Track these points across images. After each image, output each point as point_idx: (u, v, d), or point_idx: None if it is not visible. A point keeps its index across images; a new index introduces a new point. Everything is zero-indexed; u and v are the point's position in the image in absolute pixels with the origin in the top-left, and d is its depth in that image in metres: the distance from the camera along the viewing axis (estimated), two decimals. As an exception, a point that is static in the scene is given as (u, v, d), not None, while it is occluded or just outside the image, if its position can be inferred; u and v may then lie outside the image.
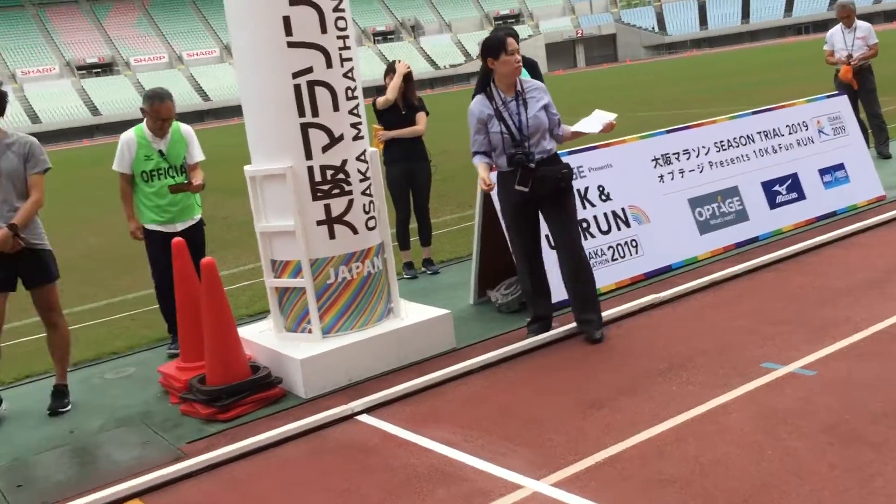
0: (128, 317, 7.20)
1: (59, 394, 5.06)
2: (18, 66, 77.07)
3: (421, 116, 6.95)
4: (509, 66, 4.78)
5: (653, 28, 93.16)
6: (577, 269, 4.96)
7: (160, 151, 5.62)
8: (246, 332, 5.27)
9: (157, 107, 5.52)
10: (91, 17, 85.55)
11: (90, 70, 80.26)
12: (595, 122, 5.04)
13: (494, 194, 5.23)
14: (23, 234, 4.73)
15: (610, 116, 5.03)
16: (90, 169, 29.76)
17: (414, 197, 7.07)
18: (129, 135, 5.71)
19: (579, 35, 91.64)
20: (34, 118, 72.37)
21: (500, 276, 5.92)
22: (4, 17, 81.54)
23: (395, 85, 6.77)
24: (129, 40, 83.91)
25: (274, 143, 4.79)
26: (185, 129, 5.82)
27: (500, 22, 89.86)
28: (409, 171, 6.96)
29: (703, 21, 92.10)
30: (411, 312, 5.25)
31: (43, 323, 5.08)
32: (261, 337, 5.18)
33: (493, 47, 4.81)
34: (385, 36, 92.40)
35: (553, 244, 5.26)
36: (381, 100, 6.76)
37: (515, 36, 4.93)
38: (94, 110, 74.93)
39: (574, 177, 5.12)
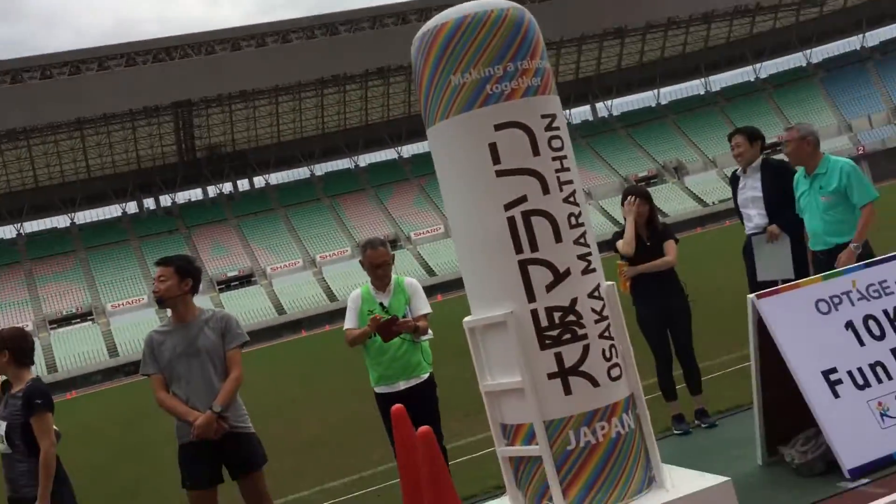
0: (376, 491, 6.71)
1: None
2: (317, 252, 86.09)
3: (670, 245, 6.05)
4: None
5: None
6: None
7: (381, 304, 5.27)
8: (481, 511, 4.49)
9: (370, 254, 5.28)
10: (376, 201, 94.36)
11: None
12: None
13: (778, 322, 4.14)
14: (226, 414, 4.43)
15: None
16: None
17: (673, 338, 6.05)
18: (356, 292, 5.52)
19: (860, 152, 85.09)
20: (332, 297, 79.60)
21: (793, 428, 4.67)
22: (304, 210, 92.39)
23: (628, 238, 6.01)
24: (408, 217, 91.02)
25: (490, 286, 4.16)
26: (410, 281, 5.47)
27: (768, 151, 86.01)
28: (663, 308, 6.00)
29: None
30: (680, 481, 4.18)
31: None
32: (498, 517, 4.37)
33: None
34: (648, 181, 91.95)
35: None
36: (621, 246, 6.02)
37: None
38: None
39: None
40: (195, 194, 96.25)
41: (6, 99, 71.04)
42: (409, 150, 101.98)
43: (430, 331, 5.40)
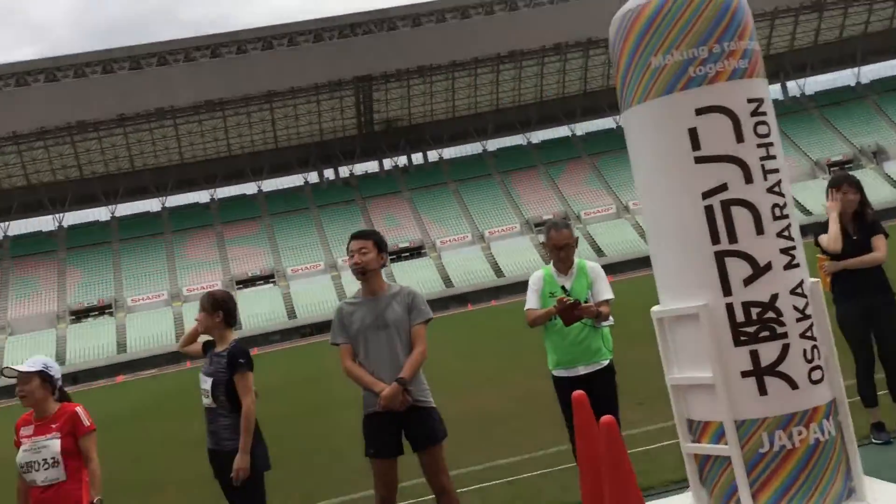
0: (547, 474, 6.70)
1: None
2: (486, 228, 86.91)
3: (879, 240, 5.59)
4: None
5: None
6: None
7: (563, 287, 5.22)
8: (661, 506, 4.38)
9: (553, 235, 5.23)
10: (547, 179, 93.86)
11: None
12: None
13: None
14: (410, 387, 4.54)
15: None
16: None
17: (877, 340, 5.61)
18: (537, 272, 5.49)
19: None
20: (499, 273, 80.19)
21: None
22: (475, 185, 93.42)
23: (834, 234, 5.59)
24: (580, 196, 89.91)
25: (683, 277, 4.01)
26: (593, 265, 5.38)
27: None
28: (866, 308, 5.57)
29: None
30: (882, 494, 3.89)
31: (431, 488, 4.74)
32: (679, 514, 4.25)
33: None
34: (842, 165, 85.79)
35: None
36: (826, 242, 5.61)
37: None
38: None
39: None
40: (371, 166, 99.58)
41: (206, 72, 76.33)
42: (583, 127, 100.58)
43: (611, 317, 5.30)
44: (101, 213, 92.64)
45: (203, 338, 5.20)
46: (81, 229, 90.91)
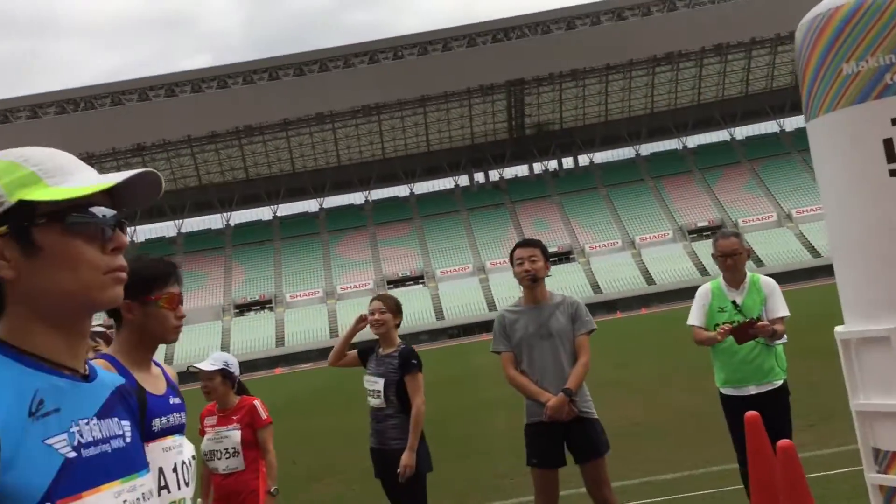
0: (708, 495, 6.46)
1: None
2: (637, 234, 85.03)
3: None
4: None
5: None
6: None
7: (734, 302, 5.01)
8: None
9: (721, 243, 5.04)
10: (703, 184, 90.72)
11: (700, 233, 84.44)
12: None
13: None
14: (575, 398, 4.49)
15: None
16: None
17: None
18: (705, 286, 5.31)
19: None
20: (650, 280, 78.21)
21: None
22: (627, 191, 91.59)
23: None
24: (737, 203, 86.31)
25: (872, 296, 3.76)
26: (767, 280, 5.14)
27: None
28: None
29: None
30: None
31: (594, 501, 4.67)
32: (861, 548, 3.98)
33: None
34: None
35: None
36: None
37: None
38: (703, 271, 77.99)
39: None
40: (521, 170, 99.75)
41: (363, 78, 78.90)
42: (743, 131, 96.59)
43: (785, 335, 5.05)
44: (264, 213, 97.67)
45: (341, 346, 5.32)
46: (246, 228, 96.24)
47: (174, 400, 2.79)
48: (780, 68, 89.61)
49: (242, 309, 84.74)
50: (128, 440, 1.37)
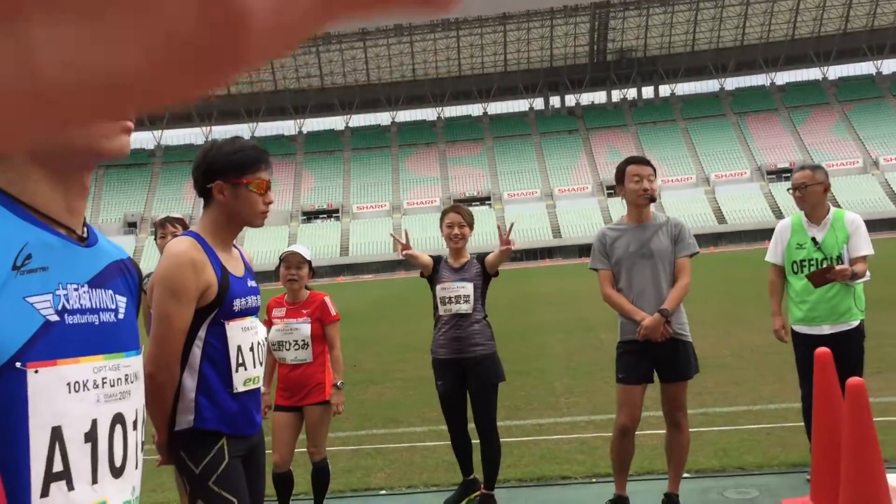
0: (764, 430, 6.43)
1: (671, 503, 4.60)
2: (713, 171, 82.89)
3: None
4: None
5: None
6: None
7: (813, 239, 4.85)
8: (900, 482, 4.07)
9: (794, 175, 4.87)
10: (788, 124, 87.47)
11: (780, 174, 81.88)
12: None
13: None
14: (671, 319, 4.45)
15: None
16: (767, 270, 29.63)
17: None
18: (784, 221, 5.14)
19: None
20: (721, 219, 76.57)
21: None
22: (706, 126, 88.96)
23: None
24: (823, 145, 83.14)
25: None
26: (851, 217, 4.94)
27: None
28: None
29: None
30: None
31: (666, 421, 4.67)
32: (921, 494, 3.92)
33: None
34: None
35: None
36: None
37: None
38: (779, 213, 75.96)
39: None
40: (598, 97, 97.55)
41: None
42: (836, 71, 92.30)
43: (868, 273, 4.87)
44: (336, 123, 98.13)
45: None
46: (319, 136, 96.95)
47: (251, 283, 2.86)
48: (882, 5, 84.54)
49: (310, 216, 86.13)
50: (120, 316, 1.28)
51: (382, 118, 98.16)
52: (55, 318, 1.14)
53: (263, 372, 2.95)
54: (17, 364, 1.09)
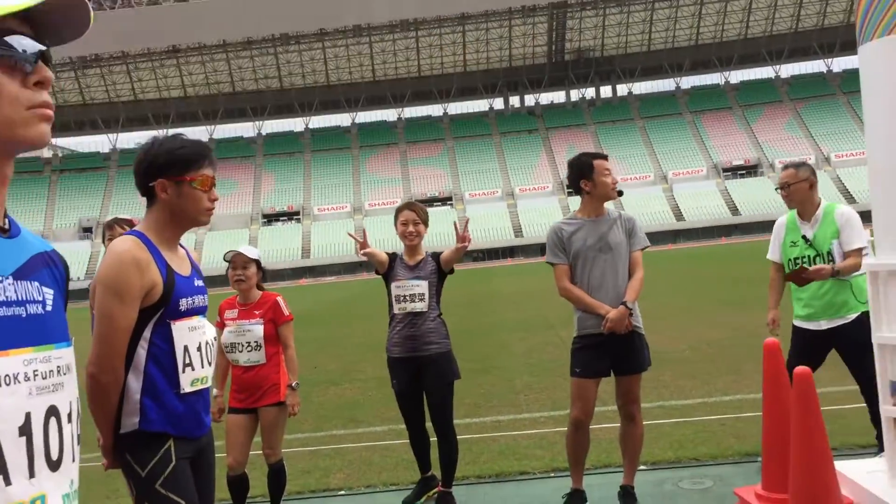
0: (718, 421, 6.53)
1: (627, 495, 4.64)
2: (670, 168, 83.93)
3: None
4: None
5: None
6: None
7: (804, 237, 4.92)
8: (847, 467, 4.16)
9: (781, 175, 4.92)
10: (742, 122, 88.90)
11: (735, 171, 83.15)
12: None
13: None
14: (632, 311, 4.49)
15: None
16: (724, 266, 30.16)
17: None
18: (780, 219, 5.19)
19: None
20: (679, 216, 77.55)
21: None
22: (664, 124, 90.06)
23: None
24: (776, 143, 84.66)
25: (908, 230, 3.69)
26: (842, 210, 4.95)
27: None
28: None
29: None
30: None
31: (620, 414, 4.71)
32: (868, 479, 4.01)
33: None
34: None
35: None
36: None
37: None
38: (735, 210, 77.10)
39: None
40: (558, 97, 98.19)
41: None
42: (788, 70, 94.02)
43: (863, 266, 4.92)
44: (296, 124, 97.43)
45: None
46: (278, 138, 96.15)
47: (198, 282, 2.82)
48: (833, 4, 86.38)
49: (270, 218, 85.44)
50: (48, 308, 1.25)
51: (343, 119, 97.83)
52: None
53: (215, 373, 2.91)
54: None
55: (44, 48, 1.19)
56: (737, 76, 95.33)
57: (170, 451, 2.62)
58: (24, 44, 1.15)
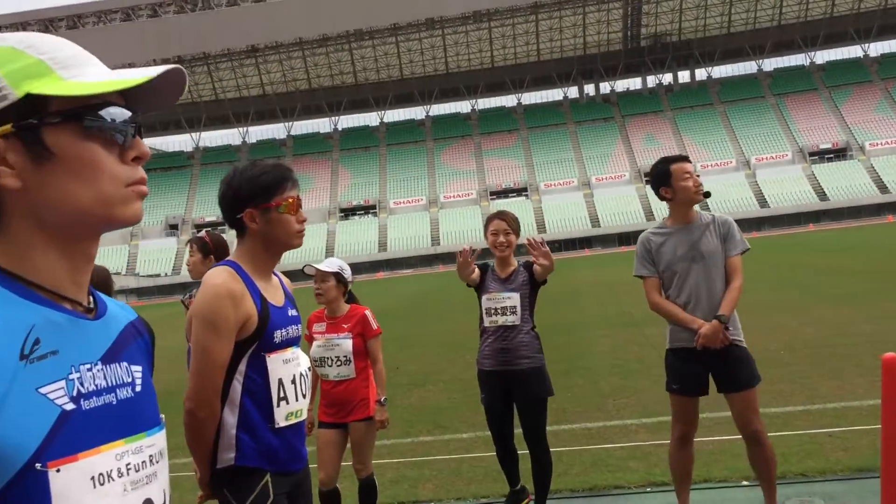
0: (825, 433, 6.18)
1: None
2: (753, 154, 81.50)
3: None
4: None
5: None
6: None
7: None
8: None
9: None
10: (829, 104, 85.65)
11: (822, 155, 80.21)
12: None
13: None
14: (728, 324, 4.22)
15: None
16: (813, 255, 29.07)
17: None
18: None
19: None
20: (763, 203, 75.27)
21: None
22: (745, 108, 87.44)
23: None
24: (866, 124, 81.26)
25: None
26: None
27: None
28: None
29: None
30: None
31: (741, 432, 4.37)
32: None
33: None
34: None
35: None
36: None
37: None
38: (822, 196, 74.40)
39: None
40: (633, 83, 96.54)
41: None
42: (877, 48, 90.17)
43: None
44: (371, 119, 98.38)
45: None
46: (354, 133, 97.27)
47: (292, 312, 2.75)
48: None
49: (347, 213, 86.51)
50: (137, 389, 1.16)
51: (416, 112, 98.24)
52: (71, 406, 1.03)
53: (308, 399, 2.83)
54: (38, 465, 0.97)
55: (138, 122, 1.12)
56: (822, 56, 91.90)
57: (267, 487, 2.56)
58: (122, 115, 1.10)
